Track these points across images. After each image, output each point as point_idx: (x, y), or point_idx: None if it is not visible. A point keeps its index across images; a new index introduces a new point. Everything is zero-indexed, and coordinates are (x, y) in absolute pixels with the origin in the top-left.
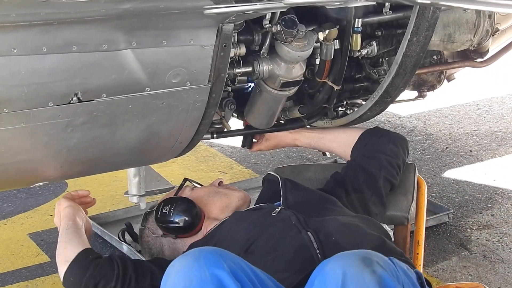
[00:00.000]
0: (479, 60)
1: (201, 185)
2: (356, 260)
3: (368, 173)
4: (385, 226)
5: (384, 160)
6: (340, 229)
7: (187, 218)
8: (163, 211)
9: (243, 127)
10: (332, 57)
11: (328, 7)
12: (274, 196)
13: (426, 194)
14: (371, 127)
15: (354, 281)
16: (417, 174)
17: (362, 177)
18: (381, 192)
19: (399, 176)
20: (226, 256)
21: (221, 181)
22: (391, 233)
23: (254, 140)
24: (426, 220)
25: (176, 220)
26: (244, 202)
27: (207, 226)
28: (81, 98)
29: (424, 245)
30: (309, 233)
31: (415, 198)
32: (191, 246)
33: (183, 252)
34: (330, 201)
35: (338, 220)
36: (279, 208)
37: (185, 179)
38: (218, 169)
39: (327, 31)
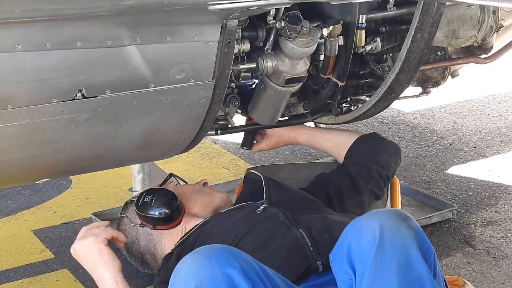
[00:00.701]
0: (483, 56)
1: (186, 182)
2: (393, 214)
3: (355, 184)
4: None
5: (374, 171)
6: (331, 226)
7: (167, 210)
8: (145, 200)
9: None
10: (336, 53)
11: (332, 3)
12: (255, 195)
13: (399, 191)
14: (368, 132)
15: (392, 234)
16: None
17: (348, 186)
18: (363, 205)
19: (386, 187)
20: (237, 255)
21: (206, 182)
22: None
23: (254, 141)
24: (430, 216)
25: (156, 211)
26: (225, 204)
27: (187, 223)
28: (85, 94)
29: None
30: (300, 229)
31: (389, 195)
32: (175, 251)
33: (163, 257)
34: (313, 202)
35: (327, 217)
36: (263, 205)
37: (171, 174)
38: (222, 165)
39: (331, 27)
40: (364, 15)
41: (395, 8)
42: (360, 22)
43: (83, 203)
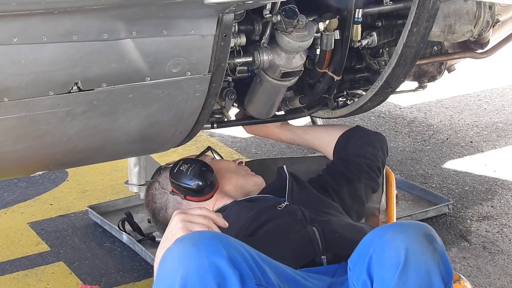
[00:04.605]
0: (480, 51)
1: (222, 158)
2: (420, 235)
3: (348, 181)
4: None
5: (363, 164)
6: (345, 228)
7: (200, 182)
8: (181, 168)
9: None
10: (333, 47)
11: None
12: (280, 190)
13: (394, 185)
14: (352, 126)
15: (417, 258)
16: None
17: (343, 184)
18: (362, 200)
19: (380, 178)
20: (225, 242)
21: (241, 162)
22: None
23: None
24: (426, 211)
25: (190, 181)
26: (258, 189)
27: (217, 200)
28: (81, 87)
29: None
30: (313, 227)
31: (384, 189)
32: None
33: None
34: (334, 207)
35: (343, 220)
36: (285, 203)
37: (209, 147)
38: None
39: (327, 21)
40: (361, 10)
41: (391, 2)
42: (356, 16)
43: (79, 196)
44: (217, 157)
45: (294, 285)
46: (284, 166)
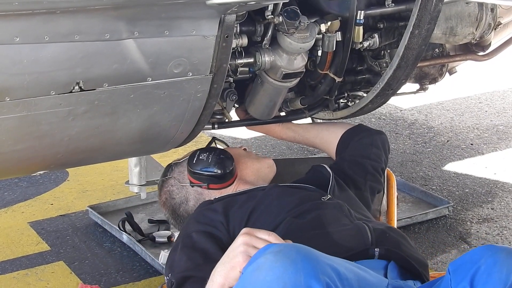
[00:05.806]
0: (481, 53)
1: (228, 146)
2: None
3: (354, 182)
4: None
5: (368, 166)
6: (390, 229)
7: (223, 168)
8: (200, 157)
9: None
10: (334, 49)
11: None
12: (317, 185)
13: (395, 187)
14: (353, 124)
15: None
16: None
17: (350, 187)
18: (368, 202)
19: (383, 178)
20: (323, 266)
21: (245, 148)
22: None
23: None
24: (426, 213)
25: (214, 168)
26: (271, 171)
27: (238, 186)
28: (82, 87)
29: None
30: (363, 223)
31: (385, 191)
32: (218, 201)
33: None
34: (368, 213)
35: (386, 224)
36: (328, 196)
37: (214, 138)
38: None
39: (329, 23)
40: (362, 11)
41: (393, 4)
42: (358, 18)
43: (80, 196)
44: (222, 146)
45: None
46: (325, 165)
